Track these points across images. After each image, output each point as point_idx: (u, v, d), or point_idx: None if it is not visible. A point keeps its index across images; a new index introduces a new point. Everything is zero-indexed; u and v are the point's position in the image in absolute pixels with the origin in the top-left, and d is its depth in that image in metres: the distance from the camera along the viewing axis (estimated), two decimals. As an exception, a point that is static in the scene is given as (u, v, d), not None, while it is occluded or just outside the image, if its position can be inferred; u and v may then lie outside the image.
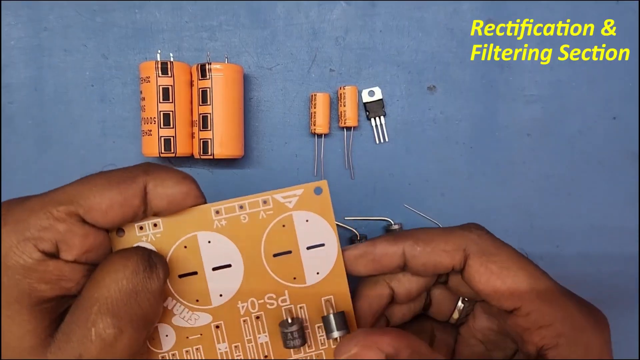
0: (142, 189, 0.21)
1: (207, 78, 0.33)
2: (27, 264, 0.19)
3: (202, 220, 0.24)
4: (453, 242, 0.23)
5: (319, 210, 0.24)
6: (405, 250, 0.24)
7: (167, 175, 0.22)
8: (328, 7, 0.37)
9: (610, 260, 0.38)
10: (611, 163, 0.38)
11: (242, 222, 0.24)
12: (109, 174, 0.21)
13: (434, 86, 0.37)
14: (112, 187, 0.20)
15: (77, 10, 0.36)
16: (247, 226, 0.24)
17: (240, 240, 0.24)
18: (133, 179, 0.21)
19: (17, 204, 0.20)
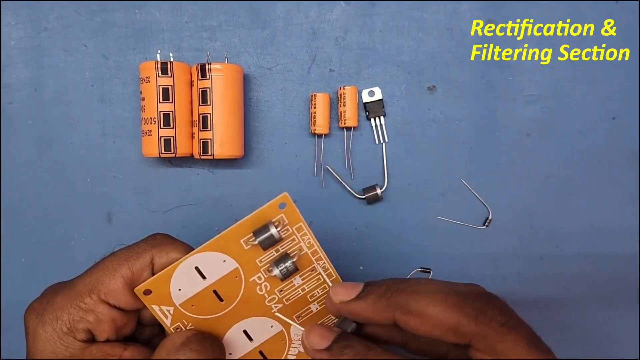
0: (150, 263, 0.24)
1: (207, 78, 0.33)
2: (74, 353, 0.23)
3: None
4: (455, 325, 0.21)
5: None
6: (395, 318, 0.22)
7: (171, 247, 0.25)
8: (328, 7, 0.37)
9: (610, 260, 0.38)
10: (611, 163, 0.38)
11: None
12: (118, 256, 0.24)
13: (434, 86, 0.37)
14: (123, 267, 0.24)
15: (77, 11, 0.36)
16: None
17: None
18: (140, 254, 0.24)
19: (49, 304, 0.24)
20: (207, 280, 0.24)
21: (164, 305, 0.24)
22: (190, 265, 0.24)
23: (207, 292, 0.25)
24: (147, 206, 0.37)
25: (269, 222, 0.24)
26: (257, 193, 0.37)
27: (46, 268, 0.37)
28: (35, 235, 0.37)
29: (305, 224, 0.24)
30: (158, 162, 0.37)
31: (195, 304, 0.25)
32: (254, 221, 0.24)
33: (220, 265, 0.24)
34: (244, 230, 0.24)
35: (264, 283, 0.25)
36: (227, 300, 0.25)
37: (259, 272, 0.25)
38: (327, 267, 0.26)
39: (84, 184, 0.37)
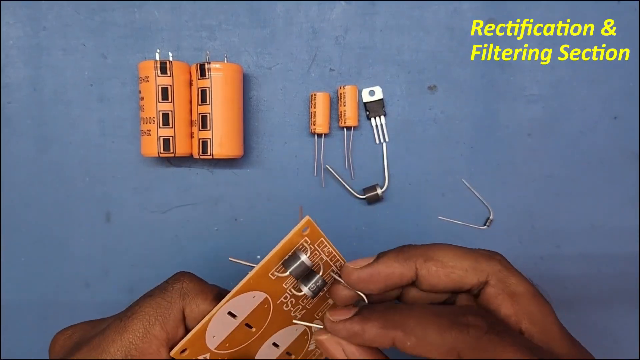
0: (181, 318, 0.24)
1: (206, 77, 0.33)
2: None
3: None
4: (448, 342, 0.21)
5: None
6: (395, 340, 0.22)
7: (201, 297, 0.24)
8: (328, 7, 0.36)
9: (610, 260, 0.38)
10: (612, 163, 0.38)
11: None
12: (146, 311, 0.23)
13: (435, 86, 0.37)
14: (154, 327, 0.23)
15: (76, 10, 0.36)
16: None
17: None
18: (170, 309, 0.23)
19: None
20: (238, 318, 0.24)
21: (201, 355, 0.24)
22: (223, 313, 0.23)
23: (239, 328, 0.24)
24: (146, 206, 0.37)
25: (298, 251, 0.23)
26: (256, 193, 0.37)
27: (45, 268, 0.37)
28: (34, 235, 0.37)
29: (325, 238, 0.24)
30: (157, 161, 0.37)
31: (229, 342, 0.24)
32: (280, 253, 0.23)
33: (250, 301, 0.24)
34: (272, 264, 0.23)
35: (290, 300, 0.25)
36: (257, 326, 0.25)
37: (285, 293, 0.24)
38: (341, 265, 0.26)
39: (83, 184, 0.37)
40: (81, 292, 0.37)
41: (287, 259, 0.23)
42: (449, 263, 0.23)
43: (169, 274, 0.38)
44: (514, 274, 0.23)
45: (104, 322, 0.25)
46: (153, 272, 0.37)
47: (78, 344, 0.24)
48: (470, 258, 0.23)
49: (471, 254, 0.24)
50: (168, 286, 0.24)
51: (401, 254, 0.24)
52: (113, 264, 0.37)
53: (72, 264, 0.37)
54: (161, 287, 0.24)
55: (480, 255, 0.24)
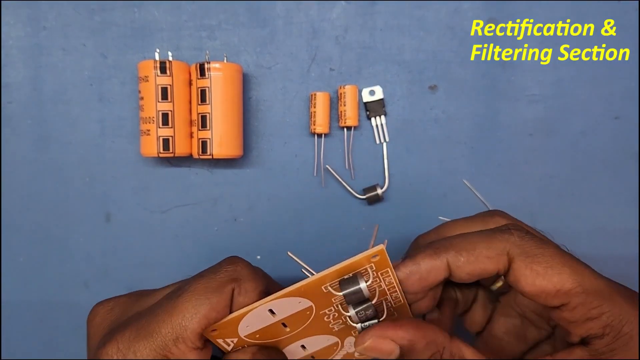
0: (230, 300, 0.23)
1: (206, 77, 0.33)
2: None
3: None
4: (496, 247, 0.23)
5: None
6: (449, 262, 0.23)
7: (252, 285, 0.24)
8: (328, 6, 0.36)
9: (613, 261, 0.38)
10: (614, 163, 0.38)
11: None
12: (196, 287, 0.23)
13: (435, 85, 0.37)
14: (204, 304, 0.22)
15: (75, 10, 0.36)
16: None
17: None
18: (221, 290, 0.23)
19: (129, 350, 0.22)
20: (276, 316, 0.23)
21: (229, 338, 0.24)
22: (264, 309, 0.23)
23: (274, 325, 0.24)
24: (146, 206, 0.37)
25: (358, 275, 0.22)
26: (256, 193, 0.37)
27: (45, 268, 0.37)
28: (34, 235, 0.37)
29: (391, 268, 0.23)
30: (157, 161, 0.37)
31: (260, 334, 0.24)
32: (342, 271, 0.22)
33: (294, 305, 0.23)
34: (329, 279, 0.23)
35: (333, 313, 0.24)
36: (292, 328, 0.24)
37: (331, 307, 0.24)
38: (399, 299, 0.25)
39: (82, 184, 0.37)
40: (81, 292, 0.37)
41: (345, 279, 0.22)
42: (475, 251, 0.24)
43: (169, 274, 0.38)
44: (521, 223, 0.25)
45: (146, 298, 0.25)
46: (153, 272, 0.37)
47: (125, 322, 0.23)
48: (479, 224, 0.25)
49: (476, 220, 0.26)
50: (221, 268, 0.24)
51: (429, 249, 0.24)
52: (112, 264, 0.37)
53: (72, 264, 0.37)
54: (213, 269, 0.24)
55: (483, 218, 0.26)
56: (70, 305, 0.37)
